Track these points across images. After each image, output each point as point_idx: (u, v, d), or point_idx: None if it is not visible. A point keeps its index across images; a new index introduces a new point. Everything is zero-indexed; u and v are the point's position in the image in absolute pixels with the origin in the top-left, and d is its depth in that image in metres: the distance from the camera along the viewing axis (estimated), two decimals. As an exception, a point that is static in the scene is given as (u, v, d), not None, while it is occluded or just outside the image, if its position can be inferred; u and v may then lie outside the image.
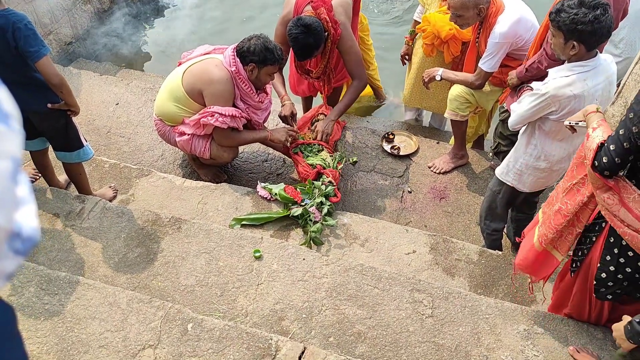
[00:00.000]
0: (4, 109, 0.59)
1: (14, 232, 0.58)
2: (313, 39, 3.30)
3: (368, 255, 3.14)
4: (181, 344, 2.27)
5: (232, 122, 3.28)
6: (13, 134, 0.59)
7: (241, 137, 3.48)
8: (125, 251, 2.86)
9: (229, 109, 3.24)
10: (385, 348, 2.53)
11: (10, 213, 0.58)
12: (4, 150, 0.57)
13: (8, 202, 0.58)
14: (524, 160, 2.76)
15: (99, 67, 5.21)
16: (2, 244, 0.58)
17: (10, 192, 0.58)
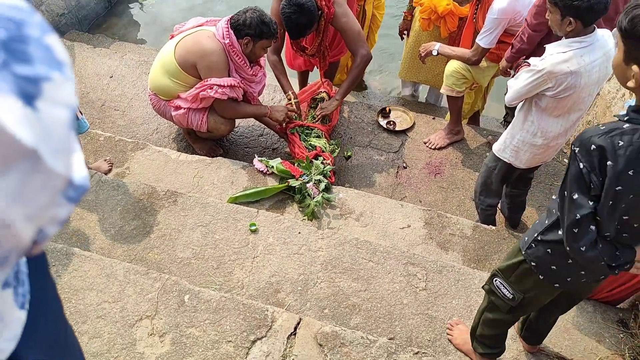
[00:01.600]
0: (57, 56, 0.59)
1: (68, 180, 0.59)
2: (306, 18, 3.27)
3: (363, 229, 3.17)
4: (178, 315, 2.29)
5: (232, 92, 3.27)
6: (68, 82, 0.59)
7: (243, 108, 3.48)
8: (121, 224, 2.87)
9: (227, 80, 3.22)
10: (380, 320, 2.57)
11: (68, 161, 0.59)
12: (61, 98, 0.57)
13: (67, 151, 0.59)
14: (521, 137, 2.77)
15: (92, 39, 5.14)
16: (59, 192, 0.59)
17: (68, 140, 0.59)
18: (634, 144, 1.48)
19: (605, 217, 1.58)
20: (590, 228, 1.59)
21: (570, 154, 1.56)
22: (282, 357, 2.19)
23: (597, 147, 1.49)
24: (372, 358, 2.20)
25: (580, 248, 1.62)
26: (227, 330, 2.26)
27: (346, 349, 2.23)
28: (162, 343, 2.20)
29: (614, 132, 1.49)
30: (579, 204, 1.56)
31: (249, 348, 2.21)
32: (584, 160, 1.51)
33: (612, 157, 1.48)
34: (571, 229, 1.61)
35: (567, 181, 1.60)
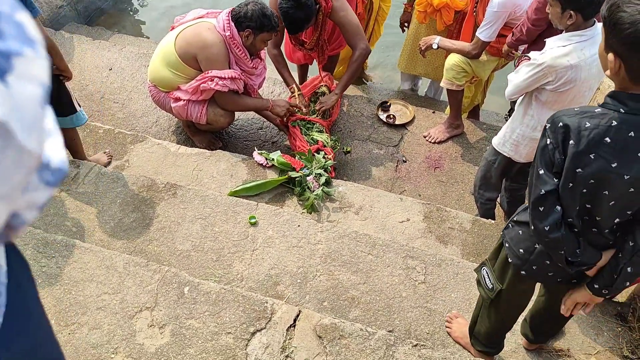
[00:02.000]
0: (29, 33, 0.58)
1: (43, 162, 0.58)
2: (303, 13, 3.26)
3: (362, 222, 3.17)
4: (178, 307, 2.30)
5: (233, 84, 3.26)
6: (41, 59, 0.58)
7: (244, 101, 3.47)
8: (120, 216, 2.87)
9: (227, 72, 3.22)
10: (379, 313, 2.58)
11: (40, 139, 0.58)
12: (33, 74, 0.56)
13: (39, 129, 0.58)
14: (521, 131, 2.77)
15: (91, 31, 5.12)
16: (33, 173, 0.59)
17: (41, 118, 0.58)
18: (599, 127, 1.48)
19: (566, 200, 1.59)
20: (556, 208, 1.59)
21: (542, 128, 1.58)
22: (282, 349, 2.20)
23: (564, 125, 1.50)
24: (371, 350, 2.21)
25: (544, 227, 1.62)
26: (226, 322, 2.26)
27: (345, 341, 2.23)
28: (161, 334, 2.21)
29: (584, 115, 1.50)
30: (543, 179, 1.57)
31: (249, 340, 2.22)
32: (551, 136, 1.53)
33: (575, 137, 1.49)
34: (537, 206, 1.61)
35: (536, 156, 1.62)
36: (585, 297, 1.81)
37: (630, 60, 1.42)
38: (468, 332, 2.40)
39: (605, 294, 1.74)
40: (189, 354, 2.15)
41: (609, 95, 1.52)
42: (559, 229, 1.61)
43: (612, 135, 1.47)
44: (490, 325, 2.21)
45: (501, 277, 2.01)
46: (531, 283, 2.04)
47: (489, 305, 2.12)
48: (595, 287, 1.73)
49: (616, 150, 1.48)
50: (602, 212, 1.60)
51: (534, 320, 2.35)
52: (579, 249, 1.65)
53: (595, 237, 1.67)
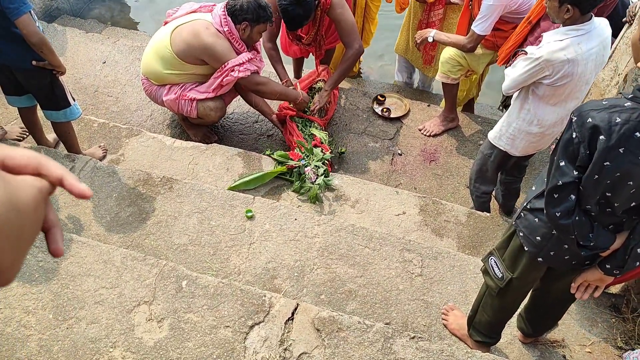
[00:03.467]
0: None
1: None
2: (302, 9, 3.26)
3: (359, 216, 3.18)
4: (176, 301, 2.30)
5: (251, 65, 3.27)
6: None
7: (272, 86, 3.45)
8: (117, 210, 2.86)
9: (241, 57, 3.21)
10: (376, 305, 2.59)
11: None
12: None
13: None
14: (517, 125, 2.78)
15: (84, 24, 5.08)
16: None
17: None
18: (630, 122, 1.49)
19: (588, 190, 1.61)
20: (570, 197, 1.61)
21: (568, 122, 1.58)
22: (280, 342, 2.21)
23: (593, 123, 1.51)
24: (369, 343, 2.23)
25: (555, 213, 1.65)
26: (225, 315, 2.27)
27: (343, 333, 2.25)
28: (160, 328, 2.21)
29: (614, 109, 1.51)
30: (563, 171, 1.59)
31: (247, 333, 2.22)
32: (577, 130, 1.53)
33: (606, 133, 1.50)
34: (551, 193, 1.64)
35: (558, 147, 1.63)
36: (595, 276, 1.83)
37: None
38: (466, 324, 2.42)
39: (616, 274, 1.77)
40: (188, 347, 2.16)
41: (639, 89, 1.53)
42: (570, 216, 1.64)
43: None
44: (493, 314, 2.24)
45: (512, 266, 2.03)
46: (543, 269, 2.04)
47: (497, 294, 2.14)
48: (607, 267, 1.76)
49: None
50: (621, 199, 1.62)
51: (530, 313, 2.37)
52: (592, 234, 1.67)
53: (609, 218, 1.70)
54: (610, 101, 1.55)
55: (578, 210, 1.66)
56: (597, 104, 1.55)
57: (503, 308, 2.23)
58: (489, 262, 2.12)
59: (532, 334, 2.44)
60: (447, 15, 4.01)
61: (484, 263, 2.18)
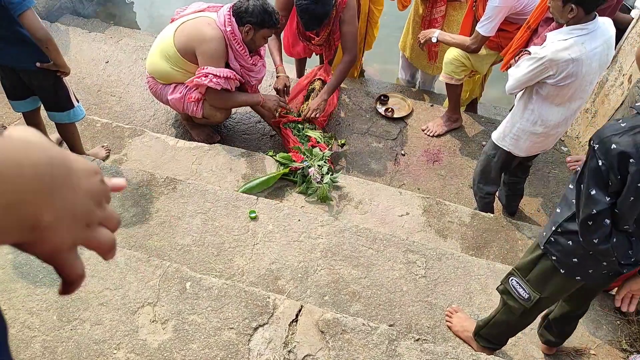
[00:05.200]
0: None
1: None
2: (323, 9, 3.25)
3: (362, 216, 3.17)
4: (180, 302, 2.30)
5: (226, 83, 3.24)
6: None
7: (234, 98, 3.43)
8: (120, 211, 2.86)
9: (223, 70, 3.19)
10: (380, 307, 2.59)
11: None
12: None
13: None
14: (521, 125, 2.77)
15: (87, 23, 5.08)
16: None
17: None
18: None
19: (625, 213, 1.58)
20: (604, 222, 1.58)
21: (590, 150, 1.54)
22: (284, 344, 2.21)
23: (619, 149, 1.46)
24: (374, 345, 2.22)
25: (593, 240, 1.63)
26: (229, 317, 2.26)
27: (348, 335, 2.24)
28: (164, 330, 2.20)
29: (636, 130, 1.47)
30: (596, 199, 1.55)
31: (251, 335, 2.22)
32: (603, 158, 1.49)
33: (636, 156, 1.46)
34: (586, 222, 1.61)
35: (584, 175, 1.59)
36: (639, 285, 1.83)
37: None
38: (470, 325, 2.41)
39: None
40: (192, 349, 2.15)
41: None
42: (608, 239, 1.62)
43: None
44: (508, 329, 2.24)
45: (541, 287, 2.00)
46: (577, 285, 2.00)
47: (521, 314, 2.12)
48: None
49: None
50: None
51: (559, 324, 2.35)
52: (631, 250, 1.66)
53: None
54: (628, 122, 1.51)
55: (614, 232, 1.63)
56: (616, 127, 1.51)
57: (522, 325, 2.22)
58: (510, 283, 2.09)
59: (558, 343, 2.43)
60: (448, 12, 3.99)
61: (503, 285, 2.15)
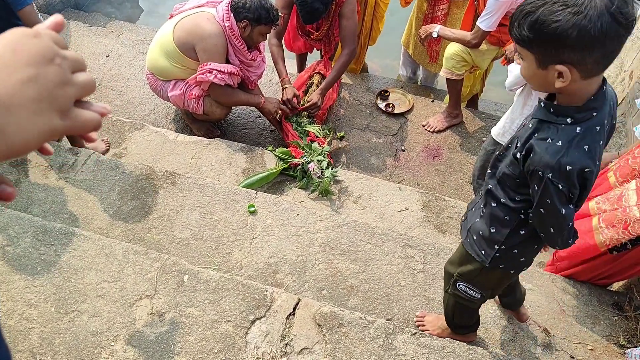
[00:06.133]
0: None
1: None
2: (321, 3, 3.24)
3: (361, 211, 3.17)
4: (177, 295, 2.30)
5: (230, 79, 3.24)
6: None
7: (236, 96, 3.44)
8: (119, 204, 2.86)
9: (227, 66, 3.20)
10: (377, 301, 2.59)
11: None
12: None
13: None
14: (520, 122, 2.75)
15: (88, 17, 5.08)
16: None
17: None
18: (595, 140, 1.45)
19: (581, 204, 1.62)
20: (569, 224, 1.60)
21: (541, 180, 1.49)
22: (281, 337, 2.21)
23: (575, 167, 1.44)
24: (370, 338, 2.22)
25: (569, 242, 1.66)
26: (226, 310, 2.27)
27: (345, 329, 2.24)
28: (161, 322, 2.21)
29: (574, 141, 1.44)
30: (568, 215, 1.55)
31: (248, 328, 2.22)
32: (562, 181, 1.47)
33: (591, 164, 1.45)
34: (561, 234, 1.62)
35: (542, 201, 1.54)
36: None
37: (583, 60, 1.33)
38: (445, 323, 2.40)
39: None
40: (189, 341, 2.16)
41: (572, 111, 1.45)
42: (576, 234, 1.66)
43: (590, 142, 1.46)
44: (470, 315, 2.27)
45: (489, 286, 2.02)
46: None
47: (478, 306, 2.16)
48: None
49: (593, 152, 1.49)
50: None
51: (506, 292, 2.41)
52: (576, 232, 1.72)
53: None
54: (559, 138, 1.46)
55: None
56: (554, 149, 1.45)
57: (478, 307, 2.24)
58: (459, 288, 2.07)
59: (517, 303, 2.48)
60: (451, 10, 3.99)
61: (448, 293, 2.15)
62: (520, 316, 2.50)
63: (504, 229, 1.76)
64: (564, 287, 2.68)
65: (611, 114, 1.51)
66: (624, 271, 2.58)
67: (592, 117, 1.44)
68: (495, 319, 2.55)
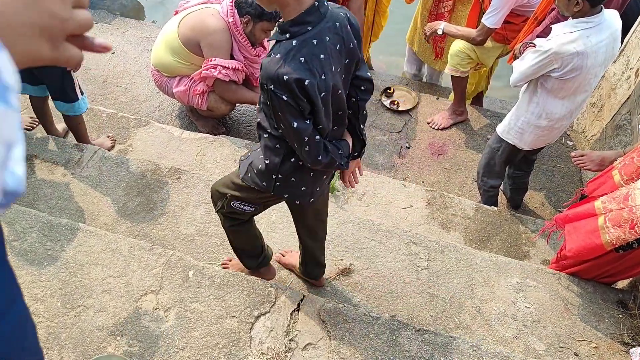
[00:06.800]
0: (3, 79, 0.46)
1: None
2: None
3: (366, 208, 3.18)
4: (183, 290, 2.31)
5: (234, 75, 3.25)
6: (11, 114, 0.47)
7: (241, 93, 3.44)
8: (125, 200, 2.88)
9: (232, 62, 3.20)
10: (382, 298, 2.59)
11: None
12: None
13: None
14: (526, 119, 2.76)
15: (93, 14, 5.09)
16: None
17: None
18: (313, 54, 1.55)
19: (324, 122, 1.70)
20: (316, 139, 1.68)
21: (266, 94, 1.60)
22: (286, 333, 2.22)
23: (294, 79, 1.52)
24: (375, 335, 2.23)
25: (318, 159, 1.72)
26: (231, 305, 2.28)
27: (349, 325, 2.25)
28: (166, 317, 2.22)
29: (290, 54, 1.54)
30: (301, 129, 1.63)
31: (253, 323, 2.23)
32: (284, 93, 1.55)
33: (309, 76, 1.54)
34: (304, 150, 1.69)
35: (276, 116, 1.64)
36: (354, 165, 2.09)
37: None
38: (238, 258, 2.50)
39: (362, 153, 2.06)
40: (194, 336, 2.17)
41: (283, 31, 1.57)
42: (327, 152, 1.74)
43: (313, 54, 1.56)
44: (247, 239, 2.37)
45: (262, 203, 2.12)
46: None
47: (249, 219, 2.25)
48: (355, 155, 2.01)
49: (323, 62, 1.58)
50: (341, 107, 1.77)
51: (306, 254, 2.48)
52: (341, 151, 1.81)
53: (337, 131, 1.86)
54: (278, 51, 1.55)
55: (326, 142, 1.76)
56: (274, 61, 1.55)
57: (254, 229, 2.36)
58: (234, 206, 2.12)
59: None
60: (455, 7, 3.98)
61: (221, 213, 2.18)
62: (319, 282, 2.59)
63: (276, 157, 1.83)
64: (568, 285, 2.68)
65: (341, 35, 1.62)
66: (629, 269, 2.57)
67: (307, 31, 1.55)
68: (499, 316, 2.56)
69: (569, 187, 3.71)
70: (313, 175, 1.91)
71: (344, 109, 1.80)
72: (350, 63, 1.71)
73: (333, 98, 1.68)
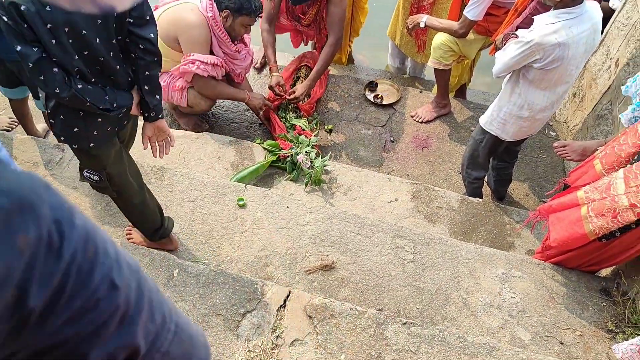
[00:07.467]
0: None
1: None
2: None
3: (351, 203, 3.17)
4: (167, 290, 2.29)
5: (213, 70, 3.22)
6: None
7: (221, 89, 3.42)
8: (107, 200, 2.84)
9: (210, 57, 3.17)
10: (368, 292, 2.60)
11: None
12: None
13: None
14: (508, 109, 2.77)
15: (73, 12, 5.02)
16: None
17: None
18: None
19: (60, 56, 1.66)
20: (53, 70, 1.65)
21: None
22: (272, 329, 2.21)
23: (7, 1, 1.52)
24: (362, 329, 2.23)
25: (55, 91, 1.70)
26: (217, 303, 2.26)
27: (335, 320, 2.25)
28: (152, 317, 2.20)
29: None
30: (25, 53, 1.61)
31: (239, 321, 2.22)
32: (5, 14, 1.54)
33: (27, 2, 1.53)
34: (40, 80, 1.68)
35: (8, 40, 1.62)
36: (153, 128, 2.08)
37: None
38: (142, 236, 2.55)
39: (160, 116, 2.04)
40: (180, 336, 2.15)
41: None
42: (70, 87, 1.71)
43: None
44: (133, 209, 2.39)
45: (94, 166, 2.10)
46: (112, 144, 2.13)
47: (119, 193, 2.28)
48: (152, 115, 2.01)
49: None
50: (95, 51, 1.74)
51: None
52: (107, 96, 1.80)
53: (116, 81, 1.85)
54: None
55: (78, 80, 1.72)
56: None
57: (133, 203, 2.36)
58: (85, 175, 2.14)
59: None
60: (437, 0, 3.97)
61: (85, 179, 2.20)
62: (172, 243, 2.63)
63: (48, 102, 1.84)
64: (552, 274, 2.71)
65: None
66: (612, 258, 2.60)
67: None
68: (485, 307, 2.57)
69: (552, 178, 3.74)
70: (83, 117, 1.88)
71: (97, 53, 1.74)
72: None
73: (72, 36, 1.64)
